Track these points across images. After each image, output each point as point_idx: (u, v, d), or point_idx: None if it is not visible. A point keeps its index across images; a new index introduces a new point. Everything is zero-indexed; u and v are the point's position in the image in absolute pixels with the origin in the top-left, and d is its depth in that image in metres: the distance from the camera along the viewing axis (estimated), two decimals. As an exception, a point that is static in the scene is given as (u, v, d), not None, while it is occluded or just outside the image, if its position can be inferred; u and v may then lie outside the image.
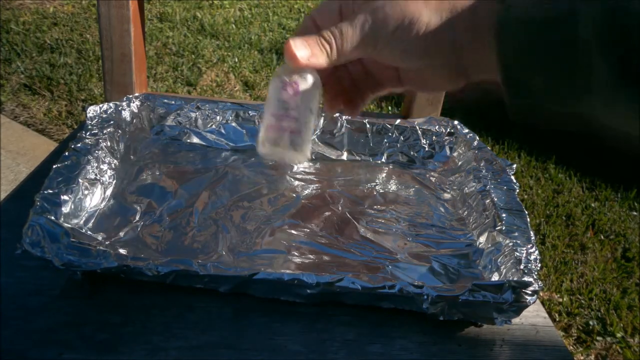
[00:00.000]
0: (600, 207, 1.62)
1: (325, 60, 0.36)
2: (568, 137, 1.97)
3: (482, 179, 0.64)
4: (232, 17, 2.59)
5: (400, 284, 0.45)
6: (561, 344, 0.49)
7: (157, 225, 0.56)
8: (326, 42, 0.36)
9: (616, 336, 1.19)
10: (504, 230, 0.54)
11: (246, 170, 0.67)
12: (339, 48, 0.35)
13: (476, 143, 0.71)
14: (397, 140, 0.73)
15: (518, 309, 0.46)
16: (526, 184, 1.70)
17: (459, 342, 0.48)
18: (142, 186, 0.62)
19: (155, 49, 2.21)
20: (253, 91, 2.03)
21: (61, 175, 0.53)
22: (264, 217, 0.59)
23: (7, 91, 1.81)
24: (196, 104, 0.72)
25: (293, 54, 0.35)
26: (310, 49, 0.36)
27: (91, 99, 1.83)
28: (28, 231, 0.45)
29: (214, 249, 0.53)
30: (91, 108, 0.64)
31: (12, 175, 1.44)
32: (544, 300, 1.28)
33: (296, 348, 0.45)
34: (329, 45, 0.36)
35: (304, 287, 0.46)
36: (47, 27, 2.22)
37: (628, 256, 1.44)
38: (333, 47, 0.36)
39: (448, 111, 0.80)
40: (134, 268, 0.45)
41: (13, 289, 0.47)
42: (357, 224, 0.60)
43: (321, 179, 0.68)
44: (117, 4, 0.69)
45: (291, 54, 0.36)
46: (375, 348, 0.46)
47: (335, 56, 0.36)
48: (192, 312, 0.47)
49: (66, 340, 0.43)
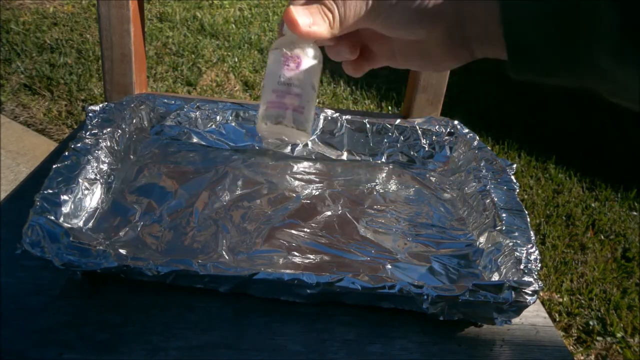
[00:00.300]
0: (600, 207, 1.62)
1: (327, 30, 0.34)
2: (568, 137, 1.97)
3: (482, 179, 0.64)
4: (232, 17, 2.59)
5: (400, 284, 0.45)
6: (561, 344, 0.49)
7: (157, 225, 0.56)
8: (328, 11, 0.34)
9: (616, 336, 1.19)
10: (504, 230, 0.54)
11: (246, 170, 0.67)
12: (342, 17, 0.34)
13: (476, 143, 0.71)
14: (397, 140, 0.73)
15: (518, 309, 0.46)
16: (526, 184, 1.70)
17: (459, 342, 0.48)
18: (142, 186, 0.62)
19: (155, 49, 2.21)
20: (253, 91, 2.03)
21: (61, 175, 0.53)
22: (264, 217, 0.59)
23: (7, 91, 1.81)
24: (196, 104, 0.72)
25: (294, 20, 0.34)
26: (312, 16, 0.34)
27: (91, 99, 1.83)
28: (28, 231, 0.45)
29: (214, 249, 0.53)
30: (91, 108, 0.64)
31: (12, 175, 1.44)
32: (544, 300, 1.28)
33: (296, 348, 0.45)
34: (332, 13, 0.34)
35: (304, 287, 0.46)
36: (47, 27, 2.22)
37: (628, 256, 1.44)
38: (335, 16, 0.34)
39: (448, 111, 0.80)
40: (134, 268, 0.45)
41: (13, 289, 0.47)
42: (357, 224, 0.60)
43: (321, 179, 0.68)
44: (117, 4, 0.69)
45: (292, 19, 0.34)
46: (375, 348, 0.46)
47: (337, 26, 0.34)
48: (192, 312, 0.47)
49: (66, 340, 0.43)
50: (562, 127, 2.06)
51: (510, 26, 0.30)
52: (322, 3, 0.34)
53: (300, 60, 0.37)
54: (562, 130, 2.04)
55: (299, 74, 0.38)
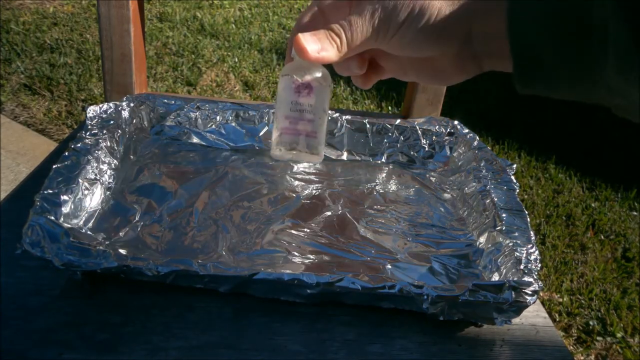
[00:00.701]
0: (600, 207, 1.62)
1: (335, 54, 0.35)
2: (568, 137, 1.97)
3: (482, 179, 0.64)
4: (232, 17, 2.59)
5: (400, 284, 0.45)
6: (561, 344, 0.49)
7: (157, 225, 0.56)
8: (336, 35, 0.35)
9: (616, 336, 1.19)
10: (504, 230, 0.54)
11: (246, 170, 0.67)
12: (349, 41, 0.34)
13: (476, 143, 0.71)
14: (397, 140, 0.73)
15: (518, 309, 0.46)
16: (526, 184, 1.70)
17: (459, 342, 0.48)
18: (142, 186, 0.62)
19: (155, 49, 2.21)
20: (253, 91, 2.03)
21: (61, 175, 0.53)
22: (264, 217, 0.59)
23: (7, 91, 1.81)
24: (196, 104, 0.72)
25: (303, 48, 0.34)
26: (320, 43, 0.35)
27: (91, 99, 1.83)
28: (28, 231, 0.45)
29: (214, 249, 0.53)
30: (91, 108, 0.64)
31: (12, 175, 1.44)
32: (544, 300, 1.28)
33: (296, 348, 0.45)
34: (339, 38, 0.34)
35: (304, 287, 0.46)
36: (47, 27, 2.22)
37: (628, 256, 1.44)
38: (343, 40, 0.34)
39: (448, 111, 0.80)
40: (134, 268, 0.45)
41: (13, 289, 0.47)
42: (357, 224, 0.60)
43: (321, 179, 0.68)
44: (117, 4, 0.69)
45: (301, 47, 0.34)
46: (375, 348, 0.46)
47: (345, 49, 0.35)
48: (192, 312, 0.47)
49: (66, 340, 0.43)
50: (562, 127, 2.06)
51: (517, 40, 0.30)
52: (329, 27, 0.35)
53: (311, 87, 0.38)
54: (562, 130, 2.04)
55: (310, 100, 0.38)
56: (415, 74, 0.39)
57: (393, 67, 0.40)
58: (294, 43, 0.35)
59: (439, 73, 0.37)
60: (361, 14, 0.34)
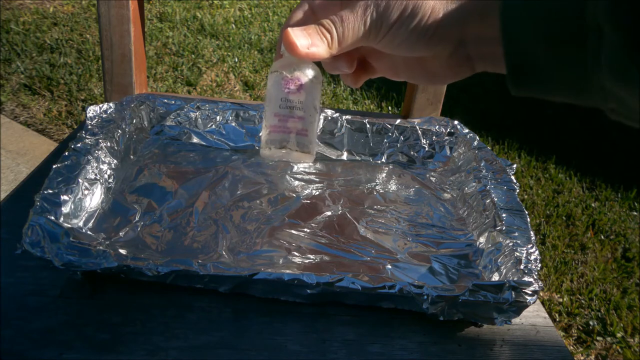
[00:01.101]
0: (600, 207, 1.62)
1: (325, 50, 0.34)
2: (568, 137, 1.97)
3: (482, 179, 0.64)
4: (232, 17, 2.59)
5: (400, 284, 0.45)
6: (561, 344, 0.49)
7: (157, 225, 0.56)
8: (326, 31, 0.34)
9: (616, 336, 1.19)
10: (504, 230, 0.54)
11: (246, 170, 0.67)
12: (340, 37, 0.34)
13: (476, 143, 0.71)
14: (397, 140, 0.73)
15: (518, 309, 0.46)
16: (526, 184, 1.70)
17: (459, 342, 0.48)
18: (142, 186, 0.62)
19: (155, 49, 2.21)
20: (253, 91, 2.03)
21: (61, 175, 0.53)
22: (264, 217, 0.59)
23: (7, 91, 1.81)
24: (196, 104, 0.72)
25: (293, 42, 0.34)
26: (310, 38, 0.34)
27: (91, 99, 1.83)
28: (28, 231, 0.45)
29: (214, 249, 0.53)
30: (91, 108, 0.64)
31: (12, 175, 1.44)
32: (544, 300, 1.28)
33: (296, 348, 0.45)
34: (330, 34, 0.34)
35: (304, 287, 0.46)
36: (47, 27, 2.22)
37: (628, 256, 1.44)
38: (334, 36, 0.34)
39: (448, 111, 0.80)
40: (134, 268, 0.45)
41: (13, 289, 0.47)
42: (357, 224, 0.60)
43: (321, 179, 0.68)
44: (117, 4, 0.69)
45: (291, 42, 0.34)
46: (375, 348, 0.46)
47: (335, 46, 0.34)
48: (192, 312, 0.47)
49: (66, 340, 0.43)
50: (562, 127, 2.06)
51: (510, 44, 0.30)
52: (319, 23, 0.34)
53: (301, 83, 0.37)
54: (562, 130, 2.04)
55: (300, 97, 0.37)
56: (407, 73, 0.39)
57: (385, 67, 0.40)
58: (283, 38, 0.35)
59: (431, 73, 0.37)
60: (353, 10, 0.33)
